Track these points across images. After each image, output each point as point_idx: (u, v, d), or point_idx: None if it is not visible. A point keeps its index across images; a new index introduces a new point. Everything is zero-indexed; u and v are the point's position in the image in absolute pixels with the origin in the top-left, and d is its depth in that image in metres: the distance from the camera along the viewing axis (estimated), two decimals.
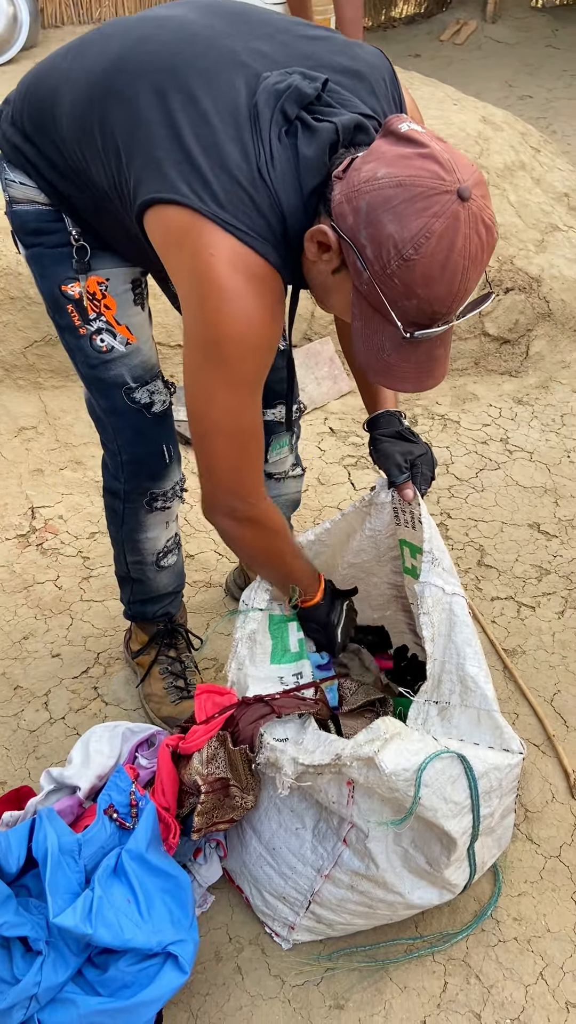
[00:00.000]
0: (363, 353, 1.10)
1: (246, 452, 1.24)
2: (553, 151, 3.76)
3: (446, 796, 1.23)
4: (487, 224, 1.00)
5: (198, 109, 1.09)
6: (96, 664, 1.91)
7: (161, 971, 1.25)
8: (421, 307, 1.01)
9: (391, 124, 1.03)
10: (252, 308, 1.09)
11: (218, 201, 1.06)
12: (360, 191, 0.99)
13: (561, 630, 2.02)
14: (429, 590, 1.38)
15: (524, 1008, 1.35)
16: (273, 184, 1.07)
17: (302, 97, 1.07)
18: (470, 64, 6.37)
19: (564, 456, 2.65)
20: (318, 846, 1.35)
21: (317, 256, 1.08)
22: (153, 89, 1.11)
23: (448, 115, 3.43)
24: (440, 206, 0.96)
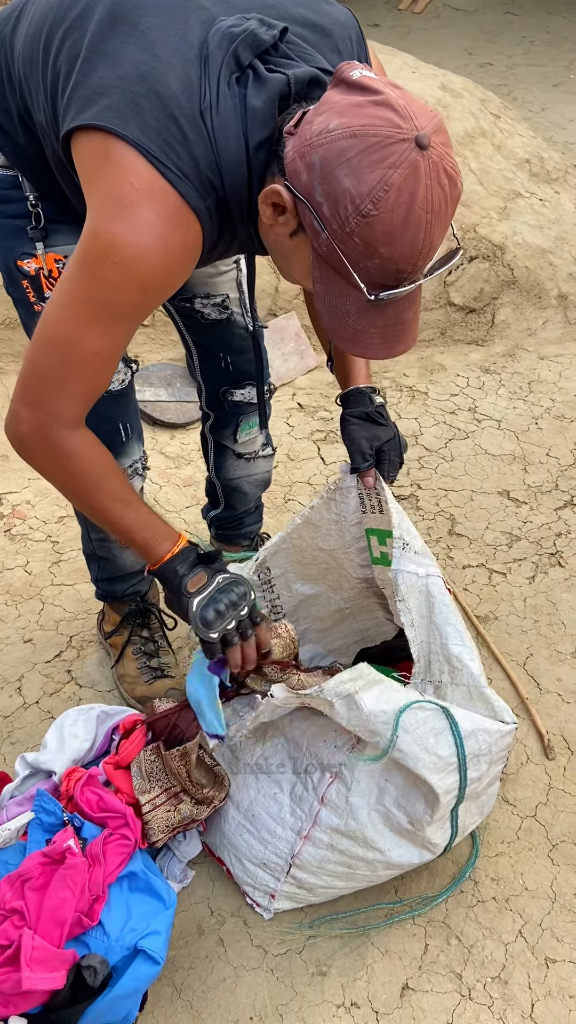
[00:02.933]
0: (328, 319, 1.05)
1: (70, 371, 1.11)
2: (513, 117, 3.74)
3: (428, 747, 1.24)
4: (450, 174, 0.95)
5: (145, 39, 1.02)
6: (69, 647, 1.90)
7: (132, 965, 1.25)
8: (384, 266, 0.96)
9: (342, 71, 0.97)
10: (152, 244, 1.01)
11: (145, 130, 0.99)
12: (312, 145, 0.94)
13: (532, 595, 2.04)
14: (402, 577, 1.38)
15: (504, 966, 1.37)
16: (213, 129, 1.01)
17: (257, 43, 1.01)
18: (429, 33, 6.31)
19: (532, 423, 2.66)
20: (296, 808, 1.37)
21: (273, 219, 1.03)
22: (102, 19, 1.05)
23: (407, 83, 3.39)
24: (397, 156, 0.91)
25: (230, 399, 1.70)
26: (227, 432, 1.77)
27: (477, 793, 1.37)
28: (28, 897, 1.27)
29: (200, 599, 1.23)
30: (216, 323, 1.58)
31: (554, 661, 1.87)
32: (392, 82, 0.98)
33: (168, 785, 1.39)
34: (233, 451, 1.80)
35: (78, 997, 1.22)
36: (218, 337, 1.61)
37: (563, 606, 2.00)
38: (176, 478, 2.40)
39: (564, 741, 1.69)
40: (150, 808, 1.39)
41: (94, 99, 1.02)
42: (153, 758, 1.41)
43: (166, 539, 1.26)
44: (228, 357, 1.64)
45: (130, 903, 1.32)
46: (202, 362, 1.68)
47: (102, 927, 1.28)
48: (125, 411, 1.53)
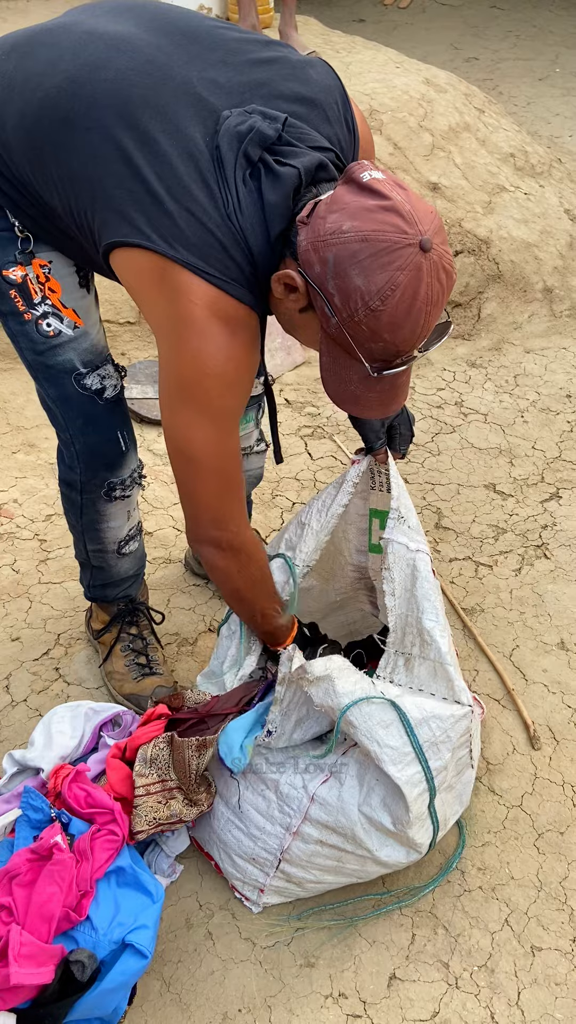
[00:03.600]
0: (331, 385, 1.16)
1: (228, 482, 1.25)
2: (498, 111, 3.75)
3: (379, 740, 1.27)
4: (447, 270, 1.06)
5: (157, 150, 1.11)
6: (57, 645, 1.90)
7: (120, 959, 1.26)
8: (387, 348, 1.07)
9: (353, 173, 1.07)
10: (231, 347, 1.12)
11: (190, 248, 1.09)
12: (327, 243, 1.03)
13: (518, 587, 2.05)
14: (393, 547, 1.42)
15: (491, 954, 1.38)
16: (243, 229, 1.10)
17: (264, 139, 1.10)
18: (415, 28, 6.31)
19: (518, 416, 2.67)
20: (284, 805, 1.37)
21: (284, 295, 1.12)
22: (110, 124, 1.12)
23: (391, 78, 3.40)
24: (404, 259, 1.01)
25: None
26: None
27: (450, 784, 1.37)
28: (16, 893, 1.27)
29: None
30: None
31: (540, 652, 1.88)
32: (398, 182, 1.08)
33: (166, 777, 1.40)
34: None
35: (66, 992, 1.23)
36: None
37: (549, 598, 2.01)
38: (164, 475, 2.40)
39: (550, 731, 1.71)
40: (143, 793, 1.39)
41: (130, 216, 1.12)
42: (163, 746, 1.41)
43: (287, 629, 1.45)
44: None
45: (118, 898, 1.32)
46: None
47: (90, 922, 1.29)
48: (122, 419, 1.54)
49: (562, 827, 1.54)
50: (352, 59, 3.61)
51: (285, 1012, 1.31)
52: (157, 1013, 1.31)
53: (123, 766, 1.44)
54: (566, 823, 1.55)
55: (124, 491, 1.60)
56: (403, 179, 3.10)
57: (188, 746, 1.37)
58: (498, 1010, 1.31)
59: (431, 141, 3.23)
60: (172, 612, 1.98)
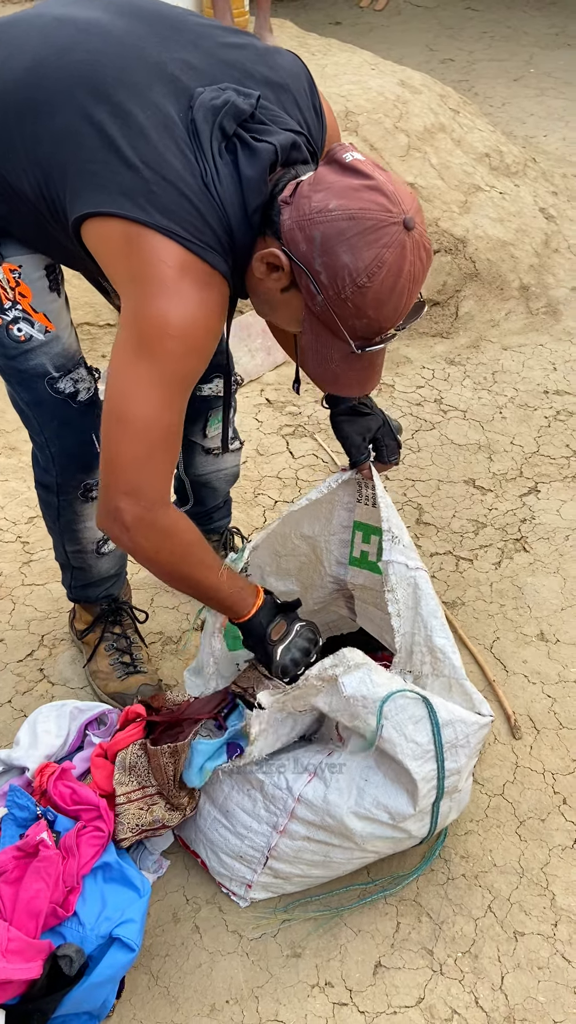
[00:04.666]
0: (312, 364, 1.18)
1: (156, 452, 1.18)
2: (472, 112, 3.78)
3: (407, 734, 1.27)
4: (427, 248, 1.09)
5: (131, 121, 1.11)
6: (41, 646, 1.91)
7: (108, 953, 1.27)
8: (370, 325, 1.09)
9: (335, 153, 1.09)
10: (199, 311, 1.11)
11: (165, 212, 1.09)
12: (313, 221, 1.05)
13: (498, 580, 2.07)
14: (393, 567, 1.42)
15: (474, 941, 1.40)
16: (220, 198, 1.11)
17: (239, 113, 1.11)
18: (391, 30, 6.35)
19: (496, 412, 2.70)
20: (270, 804, 1.38)
21: (265, 275, 1.14)
22: (80, 102, 1.12)
23: (366, 80, 3.43)
24: (390, 237, 1.04)
25: (198, 393, 1.72)
26: (196, 428, 1.78)
27: (457, 788, 1.38)
28: (2, 890, 1.28)
29: (282, 648, 1.35)
30: None
31: (520, 644, 1.90)
32: (376, 164, 1.10)
33: (146, 783, 1.40)
34: (202, 447, 1.81)
35: (55, 987, 1.24)
36: None
37: (528, 590, 2.04)
38: None
39: (530, 721, 1.73)
40: (124, 801, 1.40)
41: (102, 186, 1.10)
42: (140, 753, 1.42)
43: (249, 595, 1.36)
44: None
45: (104, 893, 1.33)
46: None
47: (77, 917, 1.30)
48: (96, 421, 1.53)
49: (543, 814, 1.56)
50: (327, 61, 3.64)
51: (272, 1002, 1.32)
52: (145, 1006, 1.32)
53: (107, 764, 1.45)
54: (547, 810, 1.57)
55: None
56: None
57: (162, 753, 1.38)
58: (482, 995, 1.33)
59: (407, 142, 3.26)
60: (156, 611, 1.99)
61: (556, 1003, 1.33)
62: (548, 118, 4.84)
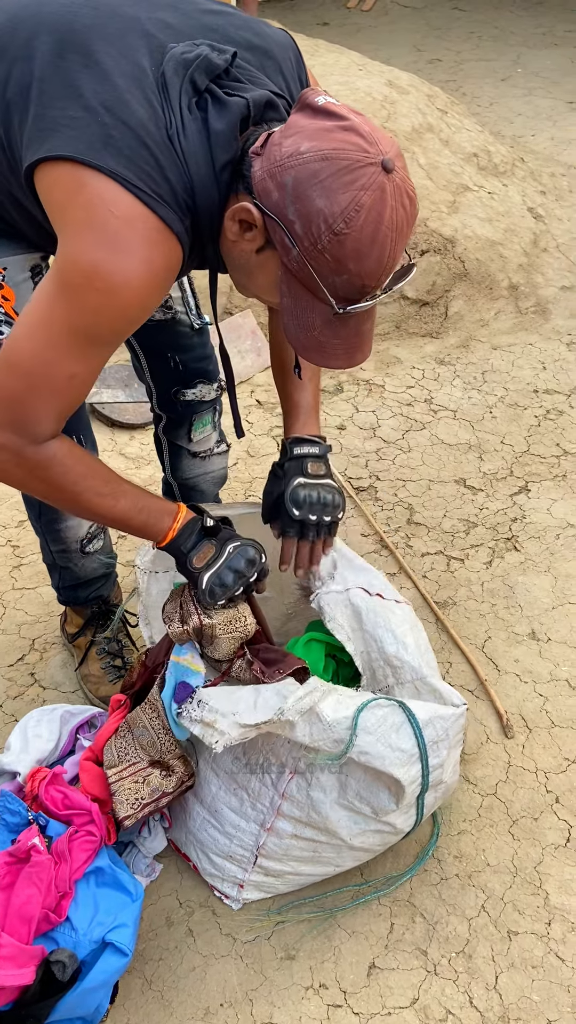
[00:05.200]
0: (293, 330, 1.10)
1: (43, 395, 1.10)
2: (460, 112, 3.79)
3: (392, 744, 1.26)
4: (410, 195, 1.00)
5: (99, 68, 1.04)
6: (32, 650, 1.90)
7: (101, 958, 1.27)
8: (352, 281, 1.01)
9: (307, 97, 1.02)
10: (137, 269, 1.03)
11: (119, 159, 1.01)
12: (284, 166, 0.98)
13: (489, 579, 2.08)
14: (323, 599, 1.45)
15: (468, 940, 1.40)
16: (184, 153, 1.04)
17: (212, 68, 1.05)
18: (378, 30, 6.36)
19: (487, 412, 2.70)
20: (256, 803, 1.38)
21: (239, 236, 1.06)
22: (51, 48, 1.06)
23: (353, 80, 3.43)
24: (367, 178, 0.96)
25: (182, 399, 1.71)
26: (181, 432, 1.78)
27: (442, 780, 1.39)
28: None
29: (209, 575, 1.25)
30: (160, 323, 1.59)
31: (511, 643, 1.91)
32: (353, 108, 1.03)
33: (136, 759, 1.39)
34: (188, 450, 1.81)
35: (48, 992, 1.23)
36: (163, 337, 1.62)
37: (519, 589, 2.04)
38: (136, 478, 2.40)
39: (522, 720, 1.73)
40: (116, 779, 1.37)
41: (58, 130, 1.03)
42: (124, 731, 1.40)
43: (164, 515, 1.25)
44: (176, 356, 1.65)
45: (97, 898, 1.33)
46: (150, 364, 1.68)
47: (70, 922, 1.29)
48: (77, 421, 1.53)
49: (536, 813, 1.57)
50: (315, 62, 3.64)
51: (266, 1004, 1.32)
52: (139, 1011, 1.32)
53: (95, 767, 1.44)
54: (540, 809, 1.57)
55: None
56: None
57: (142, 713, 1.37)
58: (476, 995, 1.33)
59: None
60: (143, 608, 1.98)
61: (550, 1002, 1.33)
62: (536, 117, 4.85)
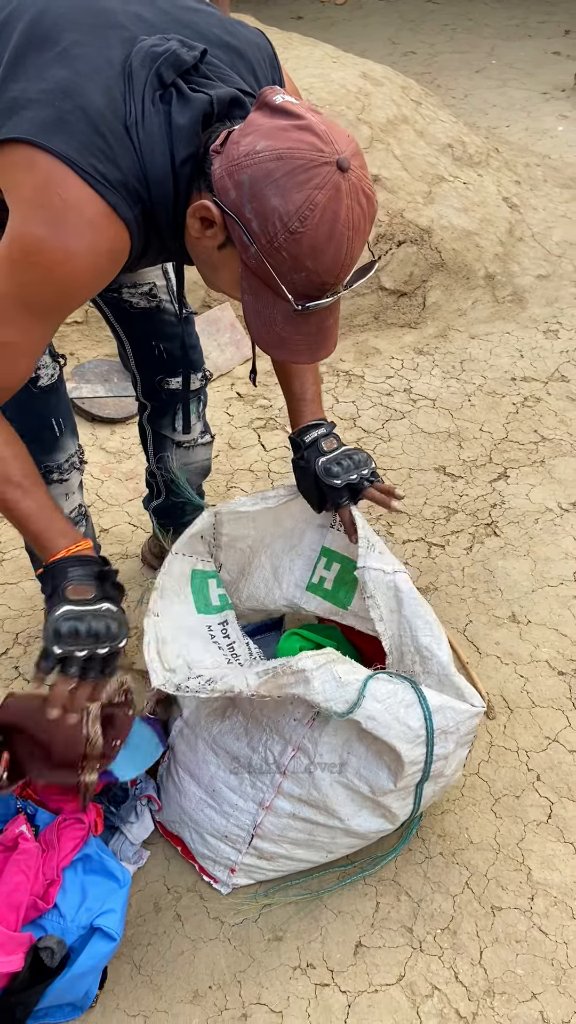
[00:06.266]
0: (256, 327, 1.11)
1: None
2: (435, 103, 3.81)
3: (399, 717, 1.28)
4: (367, 193, 1.01)
5: (67, 55, 1.05)
6: (15, 644, 1.90)
7: (89, 943, 1.28)
8: (310, 279, 1.02)
9: (265, 96, 1.03)
10: (77, 247, 1.03)
11: (71, 143, 1.01)
12: (241, 165, 0.99)
13: (470, 564, 2.10)
14: (369, 574, 1.43)
15: (453, 917, 1.42)
16: (140, 144, 1.04)
17: (179, 63, 1.06)
18: (352, 24, 6.37)
19: (465, 400, 2.72)
20: (257, 780, 1.39)
21: (201, 232, 1.07)
22: (22, 34, 1.07)
23: (328, 72, 3.44)
24: (321, 178, 0.97)
25: (166, 387, 1.72)
26: (165, 421, 1.79)
27: (443, 773, 1.39)
28: None
29: (68, 609, 1.14)
30: (145, 312, 1.59)
31: (492, 626, 1.93)
32: (312, 107, 1.04)
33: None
34: (172, 439, 1.82)
35: (37, 978, 1.24)
36: (148, 326, 1.63)
37: (499, 573, 2.07)
38: (117, 472, 2.41)
39: (503, 701, 1.75)
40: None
41: (16, 111, 1.03)
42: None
43: (64, 536, 1.20)
44: (161, 345, 1.66)
45: (85, 884, 1.34)
46: (135, 352, 1.69)
47: (57, 909, 1.30)
48: (56, 407, 1.54)
49: (517, 791, 1.59)
50: (289, 55, 3.64)
51: (255, 986, 1.33)
52: (128, 995, 1.33)
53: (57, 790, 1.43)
54: (521, 787, 1.59)
55: (61, 475, 1.60)
56: None
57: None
58: (462, 970, 1.35)
59: (370, 134, 3.27)
60: (129, 607, 1.99)
61: (534, 975, 1.35)
62: (510, 108, 4.88)
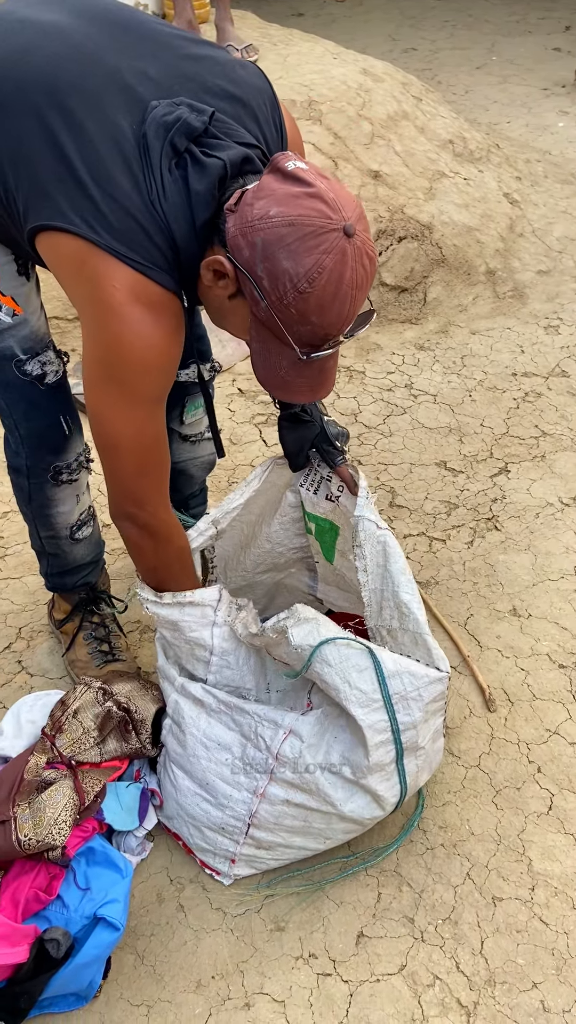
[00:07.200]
0: (261, 371, 1.19)
1: (147, 462, 1.29)
2: (435, 99, 3.81)
3: (351, 681, 1.32)
4: (370, 256, 1.10)
5: (83, 133, 1.13)
6: (19, 639, 1.91)
7: (93, 933, 1.29)
8: (315, 331, 1.11)
9: (278, 162, 1.11)
10: (151, 332, 1.15)
11: (113, 233, 1.12)
12: (255, 227, 1.07)
13: (471, 559, 2.11)
14: (363, 524, 1.47)
15: (454, 907, 1.43)
16: (166, 216, 1.13)
17: (191, 131, 1.13)
18: (353, 20, 6.37)
19: (466, 395, 2.73)
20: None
21: (213, 282, 1.15)
22: (36, 106, 1.14)
23: (328, 69, 3.44)
24: (329, 243, 1.05)
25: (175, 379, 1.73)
26: (173, 414, 1.79)
27: (420, 746, 1.41)
28: None
29: None
30: None
31: (493, 619, 1.94)
32: (321, 172, 1.12)
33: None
34: (179, 433, 1.82)
35: (41, 969, 1.25)
36: None
37: (500, 567, 2.07)
38: None
39: (504, 694, 1.76)
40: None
41: (53, 199, 1.14)
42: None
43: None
44: None
45: (88, 876, 1.35)
46: None
47: (61, 900, 1.32)
48: (64, 404, 1.55)
49: (518, 783, 1.60)
50: (289, 51, 3.65)
51: (257, 975, 1.34)
52: (132, 985, 1.34)
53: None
54: (522, 779, 1.60)
55: (71, 475, 1.62)
56: (344, 168, 3.14)
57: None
58: (463, 960, 1.36)
59: (370, 130, 3.28)
60: (134, 601, 1.99)
61: (535, 965, 1.36)
62: (511, 104, 4.88)
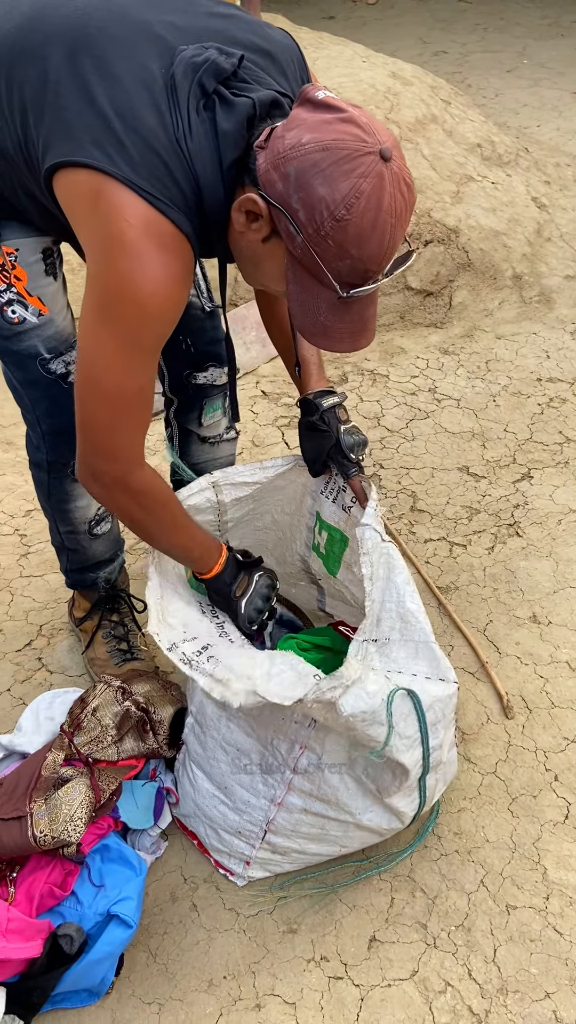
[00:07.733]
0: (299, 316, 1.15)
1: (126, 415, 1.22)
2: (464, 103, 3.79)
3: (400, 732, 1.28)
4: (408, 183, 1.06)
5: (111, 73, 1.10)
6: (39, 636, 1.93)
7: (106, 929, 1.30)
8: (354, 266, 1.06)
9: (307, 92, 1.08)
10: (159, 275, 1.10)
11: (132, 166, 1.07)
12: (287, 157, 1.03)
13: (491, 564, 2.09)
14: (369, 532, 1.46)
15: (467, 914, 1.42)
16: (190, 155, 1.09)
17: (219, 71, 1.10)
18: (384, 23, 6.36)
19: (490, 400, 2.71)
20: (268, 777, 1.41)
21: (246, 226, 1.12)
22: (65, 50, 1.12)
23: (357, 72, 3.44)
24: (366, 167, 1.01)
25: (193, 382, 1.74)
26: (192, 416, 1.80)
27: (441, 760, 1.41)
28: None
29: (245, 601, 1.48)
30: None
31: (512, 626, 1.92)
32: (352, 102, 1.08)
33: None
34: (198, 435, 1.83)
35: (54, 964, 1.27)
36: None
37: (521, 574, 2.06)
38: None
39: (523, 701, 1.75)
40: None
41: (73, 135, 1.09)
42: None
43: (214, 552, 1.46)
44: (188, 339, 1.68)
45: (103, 873, 1.36)
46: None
47: (75, 896, 1.33)
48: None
49: (535, 791, 1.59)
50: (319, 54, 3.65)
51: (269, 977, 1.35)
52: (144, 983, 1.35)
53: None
54: (538, 787, 1.59)
55: None
56: None
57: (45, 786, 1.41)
58: (475, 967, 1.36)
59: (398, 133, 3.27)
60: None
61: (548, 974, 1.35)
62: (542, 108, 4.85)
